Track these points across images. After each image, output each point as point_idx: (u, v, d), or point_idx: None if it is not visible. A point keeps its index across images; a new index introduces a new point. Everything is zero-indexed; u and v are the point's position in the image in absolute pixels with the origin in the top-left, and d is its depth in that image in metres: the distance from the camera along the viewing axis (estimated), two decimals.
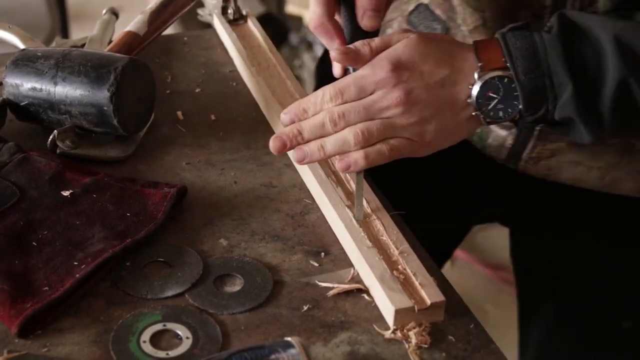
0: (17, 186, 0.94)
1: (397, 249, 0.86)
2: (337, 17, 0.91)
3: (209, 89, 1.18)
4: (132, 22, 1.15)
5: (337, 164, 0.87)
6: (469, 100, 0.85)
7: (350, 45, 0.86)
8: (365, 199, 0.92)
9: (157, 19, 1.16)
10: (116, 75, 0.97)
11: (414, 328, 0.79)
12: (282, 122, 0.88)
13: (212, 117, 1.11)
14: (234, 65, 1.23)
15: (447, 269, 1.26)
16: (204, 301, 0.82)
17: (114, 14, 1.23)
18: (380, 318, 0.81)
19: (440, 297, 0.81)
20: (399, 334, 0.79)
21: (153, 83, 1.05)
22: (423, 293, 0.81)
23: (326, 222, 0.93)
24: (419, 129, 0.85)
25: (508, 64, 0.84)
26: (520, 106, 0.85)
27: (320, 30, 0.88)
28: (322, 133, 0.86)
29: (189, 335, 0.78)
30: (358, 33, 0.88)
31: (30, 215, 0.90)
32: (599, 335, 1.06)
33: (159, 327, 0.79)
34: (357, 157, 0.85)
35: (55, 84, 0.99)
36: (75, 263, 0.83)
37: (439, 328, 0.81)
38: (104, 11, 1.23)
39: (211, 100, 1.15)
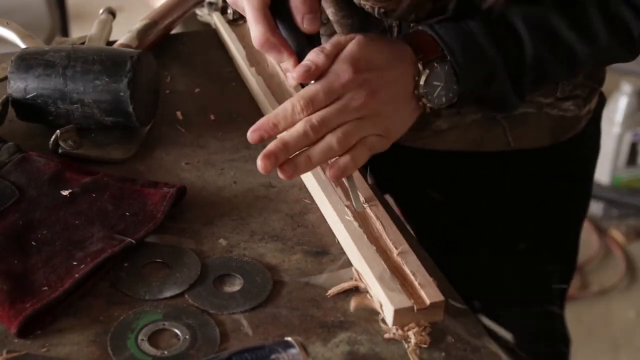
0: (17, 186, 0.94)
1: (397, 249, 0.86)
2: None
3: (208, 89, 1.18)
4: (122, 37, 1.17)
5: (328, 172, 0.87)
6: (415, 92, 0.90)
7: (306, 61, 0.87)
8: (359, 192, 0.92)
9: (145, 37, 1.18)
10: (133, 63, 0.99)
11: (414, 328, 0.79)
12: (251, 140, 0.87)
13: (212, 117, 1.11)
14: (233, 65, 1.23)
15: None
16: (204, 301, 0.82)
17: (111, 13, 1.24)
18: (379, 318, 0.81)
19: (439, 297, 0.81)
20: (398, 333, 0.79)
21: (158, 79, 1.07)
22: (422, 293, 0.81)
23: (325, 222, 0.93)
24: (386, 125, 0.89)
25: (446, 52, 0.89)
26: (460, 89, 0.90)
27: (267, 47, 0.89)
28: (306, 143, 0.86)
29: (188, 335, 0.78)
30: (301, 40, 0.89)
31: (29, 215, 0.90)
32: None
33: (159, 325, 0.79)
34: (346, 162, 0.87)
35: (68, 73, 1.00)
36: (75, 263, 0.83)
37: (439, 328, 0.80)
38: (100, 11, 1.23)
39: (211, 100, 1.15)
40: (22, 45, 1.16)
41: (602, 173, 2.67)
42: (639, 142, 2.67)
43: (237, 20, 1.28)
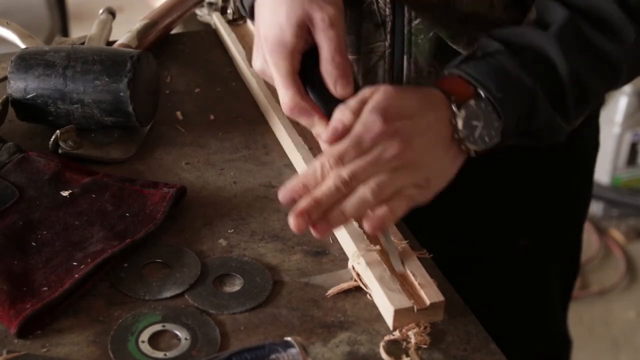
0: (17, 186, 0.94)
1: (397, 249, 0.86)
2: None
3: (208, 89, 1.18)
4: (122, 37, 1.17)
5: (367, 227, 0.81)
6: (455, 136, 0.85)
7: (333, 121, 0.83)
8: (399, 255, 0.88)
9: (145, 37, 1.19)
10: (133, 63, 0.99)
11: (414, 328, 0.79)
12: (282, 201, 0.82)
13: (212, 117, 1.11)
14: (233, 65, 1.23)
15: None
16: (204, 301, 0.82)
17: (111, 13, 1.24)
18: (379, 318, 0.81)
19: (439, 297, 0.81)
20: (398, 334, 0.79)
21: (158, 79, 1.07)
22: (422, 293, 0.81)
23: None
24: (423, 175, 0.84)
25: (479, 88, 0.85)
26: (501, 125, 0.85)
27: (297, 111, 0.86)
28: (338, 198, 0.81)
29: (188, 336, 0.78)
30: (334, 106, 0.85)
31: (29, 215, 0.90)
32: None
33: (158, 327, 0.79)
34: (384, 215, 0.81)
35: (68, 73, 1.00)
36: (75, 263, 0.83)
37: (439, 328, 0.80)
38: (100, 11, 1.23)
39: (210, 100, 1.15)
40: (22, 45, 1.17)
41: (602, 173, 2.67)
42: (639, 142, 2.67)
43: (237, 21, 1.28)
